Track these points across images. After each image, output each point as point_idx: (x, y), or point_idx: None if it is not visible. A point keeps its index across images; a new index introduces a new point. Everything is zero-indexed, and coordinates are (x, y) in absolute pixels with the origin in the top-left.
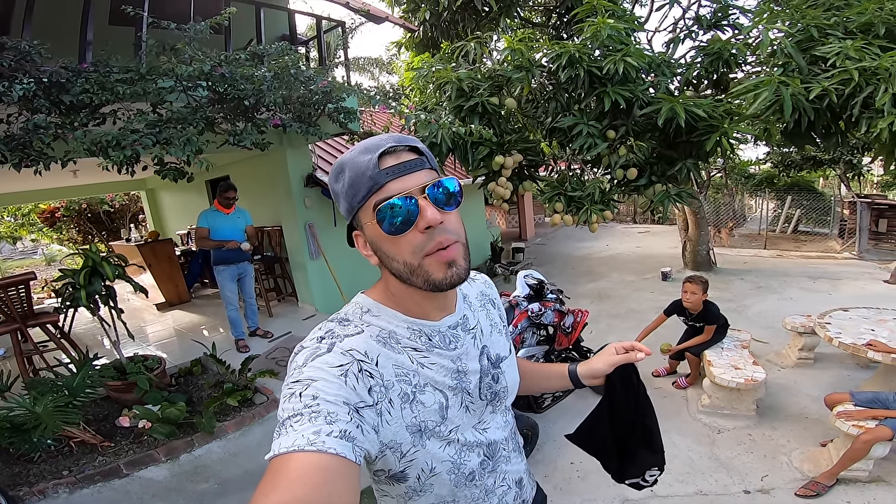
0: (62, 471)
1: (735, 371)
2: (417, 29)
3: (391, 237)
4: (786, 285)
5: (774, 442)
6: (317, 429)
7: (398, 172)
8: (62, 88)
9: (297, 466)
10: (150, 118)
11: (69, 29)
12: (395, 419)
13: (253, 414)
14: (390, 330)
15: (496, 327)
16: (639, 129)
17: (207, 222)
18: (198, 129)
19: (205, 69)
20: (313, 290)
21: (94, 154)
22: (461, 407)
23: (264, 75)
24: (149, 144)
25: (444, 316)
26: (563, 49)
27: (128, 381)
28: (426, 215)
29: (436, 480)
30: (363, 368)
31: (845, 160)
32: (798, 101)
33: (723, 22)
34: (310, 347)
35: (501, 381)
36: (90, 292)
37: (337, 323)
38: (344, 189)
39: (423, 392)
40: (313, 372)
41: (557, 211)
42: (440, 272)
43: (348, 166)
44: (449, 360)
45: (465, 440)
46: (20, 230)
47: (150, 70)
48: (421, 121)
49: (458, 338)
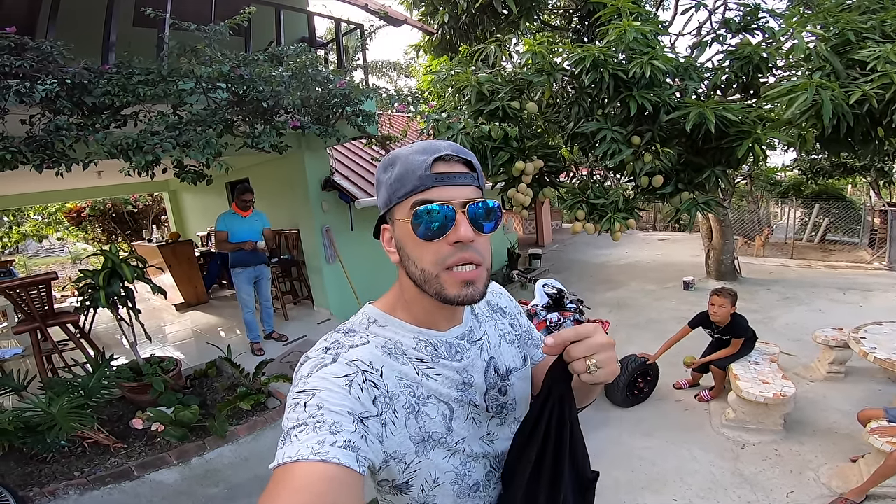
0: (74, 472)
1: (763, 385)
2: (436, 32)
3: (419, 241)
4: (814, 296)
5: (801, 457)
6: (321, 438)
7: (446, 181)
8: (84, 90)
9: (301, 476)
10: (169, 120)
11: (95, 30)
12: (400, 430)
13: (265, 418)
14: (396, 340)
15: (506, 338)
16: (665, 135)
17: (226, 225)
18: (217, 131)
19: (224, 70)
20: (329, 294)
21: (115, 156)
22: (467, 419)
23: (282, 75)
24: (169, 148)
25: (452, 326)
26: (587, 52)
27: (143, 382)
28: (459, 230)
29: (439, 491)
30: (368, 379)
31: (877, 167)
32: (838, 106)
33: (752, 26)
34: (315, 358)
35: (509, 394)
36: (109, 293)
37: (343, 334)
38: (390, 181)
39: (426, 404)
40: (318, 382)
41: (579, 219)
42: (454, 289)
43: (401, 161)
44: (454, 371)
45: (472, 451)
46: (46, 229)
47: (171, 72)
48: (442, 120)
49: (464, 349)
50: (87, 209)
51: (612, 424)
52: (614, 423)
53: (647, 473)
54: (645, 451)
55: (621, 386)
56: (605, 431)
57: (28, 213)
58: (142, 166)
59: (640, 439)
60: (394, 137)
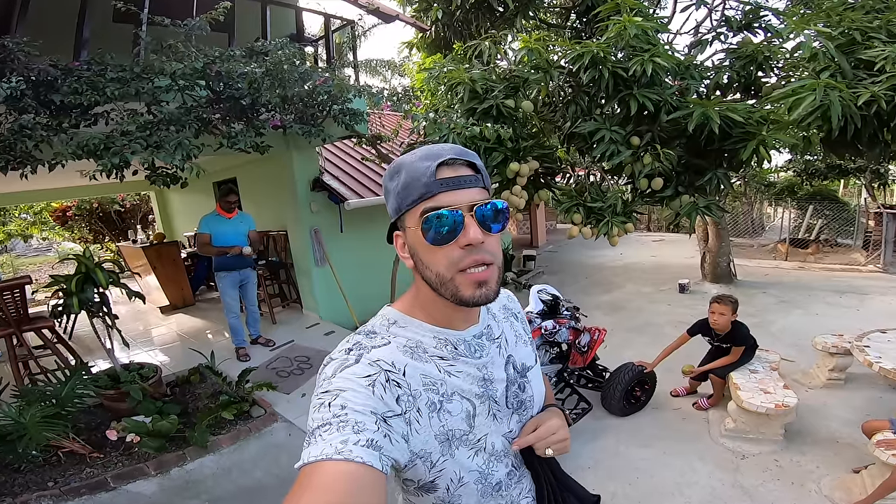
0: (48, 482)
1: (765, 395)
2: (429, 29)
3: (430, 246)
4: (811, 300)
5: (803, 468)
6: (344, 438)
7: (452, 185)
8: (51, 87)
9: (325, 474)
10: (140, 120)
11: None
12: (424, 428)
13: (249, 427)
14: (417, 340)
15: (521, 338)
16: (665, 136)
17: (209, 227)
18: (191, 131)
19: (198, 66)
20: (318, 298)
21: (81, 158)
22: (489, 415)
23: (254, 72)
24: (138, 149)
25: (469, 326)
26: (585, 48)
27: (121, 390)
28: (469, 233)
29: (464, 491)
30: (391, 378)
31: (872, 169)
32: (846, 107)
33: (754, 24)
34: (338, 359)
35: (528, 390)
36: (83, 299)
37: (364, 335)
38: (397, 189)
39: (450, 401)
40: (342, 382)
41: (576, 222)
42: (469, 290)
43: (406, 169)
44: (475, 368)
45: (494, 449)
46: (31, 228)
47: (144, 69)
48: (430, 122)
49: (483, 347)
50: (72, 209)
51: (608, 434)
52: (611, 433)
53: (645, 486)
54: (642, 463)
55: (618, 395)
56: (601, 442)
57: (13, 213)
58: (107, 169)
59: (638, 450)
60: (385, 137)
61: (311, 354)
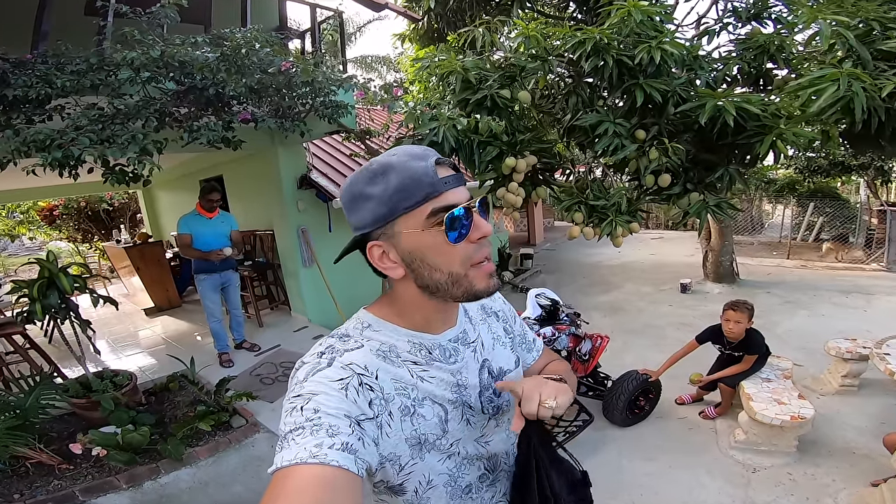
0: (14, 494)
1: (779, 406)
2: (421, 19)
3: (446, 246)
4: (816, 300)
5: (818, 482)
6: (319, 441)
7: (454, 183)
8: (2, 82)
9: (300, 479)
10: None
11: None
12: (395, 432)
13: (229, 439)
14: (391, 344)
15: (499, 340)
16: (672, 130)
17: (189, 228)
18: (150, 125)
19: (154, 54)
20: (306, 299)
21: (29, 155)
22: (462, 420)
23: (206, 56)
24: (86, 143)
25: (446, 329)
26: (588, 35)
27: (92, 399)
28: (481, 227)
29: (433, 493)
30: (363, 382)
31: (876, 166)
32: (870, 100)
33: (762, 14)
34: (310, 363)
35: (503, 395)
36: (46, 306)
37: (337, 339)
38: (387, 193)
39: (422, 406)
40: (314, 386)
41: (577, 222)
42: (483, 282)
43: (397, 170)
44: (448, 373)
45: (466, 453)
46: (19, 227)
47: (100, 60)
48: (418, 115)
49: (457, 351)
50: (59, 208)
51: (609, 446)
52: (612, 445)
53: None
54: (647, 478)
55: (621, 406)
56: (602, 455)
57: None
58: (48, 163)
59: (642, 463)
60: (374, 132)
61: (297, 360)
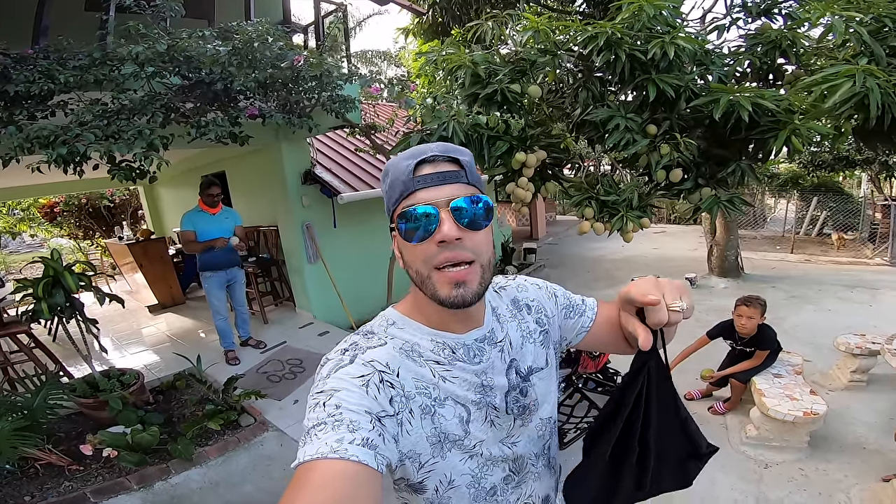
0: (24, 496)
1: (791, 402)
2: (426, 13)
3: (408, 244)
4: (822, 295)
5: (829, 477)
6: (339, 437)
7: (429, 182)
8: (3, 77)
9: (321, 473)
10: (95, 108)
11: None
12: (416, 430)
13: (238, 438)
14: (414, 342)
15: (529, 337)
16: (684, 125)
17: (193, 224)
18: (156, 120)
19: (161, 49)
20: (311, 296)
21: (32, 151)
22: (485, 422)
23: (218, 49)
24: (91, 139)
25: (471, 329)
26: (599, 29)
27: (100, 399)
28: (442, 229)
29: (454, 493)
30: (384, 379)
31: (880, 161)
32: (885, 96)
33: (773, 10)
34: (334, 359)
35: (530, 395)
36: (51, 305)
37: (362, 336)
38: (385, 191)
39: (443, 406)
40: (336, 382)
41: (587, 217)
42: (445, 290)
43: (391, 169)
44: (472, 374)
45: (490, 455)
46: (20, 225)
47: (103, 55)
48: (427, 109)
49: (483, 351)
50: (60, 204)
51: None
52: None
53: (661, 500)
54: None
55: None
56: None
57: (1, 210)
58: (54, 160)
59: None
60: (379, 126)
61: (303, 357)
